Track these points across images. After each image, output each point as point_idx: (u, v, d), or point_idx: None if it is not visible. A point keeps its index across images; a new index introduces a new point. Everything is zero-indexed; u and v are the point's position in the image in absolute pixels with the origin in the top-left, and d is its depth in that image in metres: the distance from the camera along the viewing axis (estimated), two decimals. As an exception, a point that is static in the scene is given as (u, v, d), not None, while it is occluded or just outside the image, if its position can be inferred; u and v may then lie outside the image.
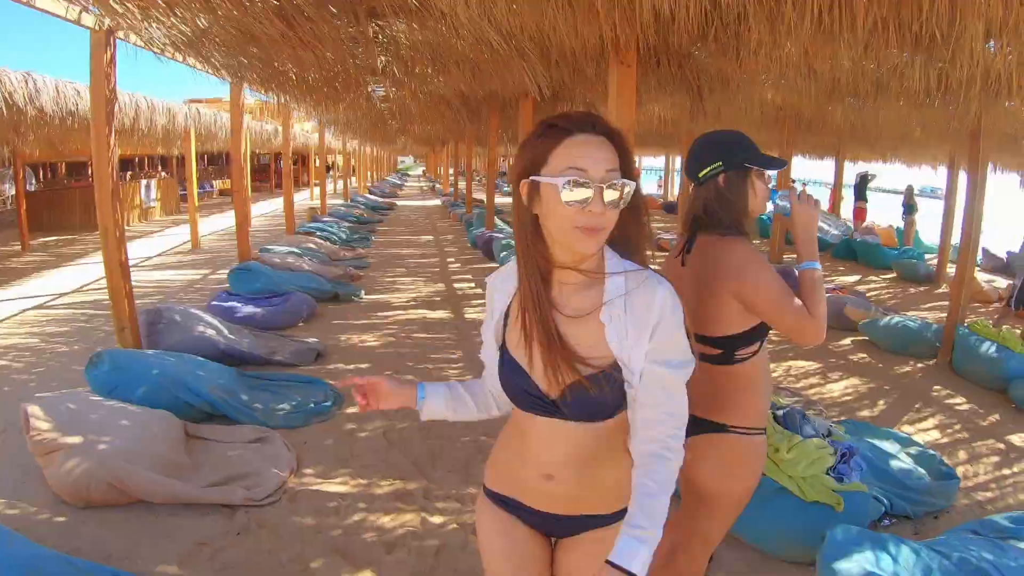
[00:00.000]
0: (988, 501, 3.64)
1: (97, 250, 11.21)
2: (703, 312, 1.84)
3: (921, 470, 3.57)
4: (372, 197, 21.89)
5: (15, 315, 6.88)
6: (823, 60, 4.14)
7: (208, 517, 3.00)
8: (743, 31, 3.63)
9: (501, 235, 11.02)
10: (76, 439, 3.04)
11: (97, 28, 4.28)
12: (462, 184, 22.78)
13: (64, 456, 2.98)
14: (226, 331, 4.91)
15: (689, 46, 4.70)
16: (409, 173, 52.03)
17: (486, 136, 11.36)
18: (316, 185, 25.35)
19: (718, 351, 1.85)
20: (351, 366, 5.12)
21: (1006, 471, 4.01)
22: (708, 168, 1.87)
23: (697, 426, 1.87)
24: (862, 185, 15.26)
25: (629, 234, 1.30)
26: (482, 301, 7.45)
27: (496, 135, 10.62)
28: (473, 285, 8.66)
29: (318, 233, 11.08)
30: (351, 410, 4.27)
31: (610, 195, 1.17)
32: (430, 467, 3.62)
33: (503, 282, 1.42)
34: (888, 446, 3.77)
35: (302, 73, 5.48)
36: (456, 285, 8.67)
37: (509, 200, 1.47)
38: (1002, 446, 4.36)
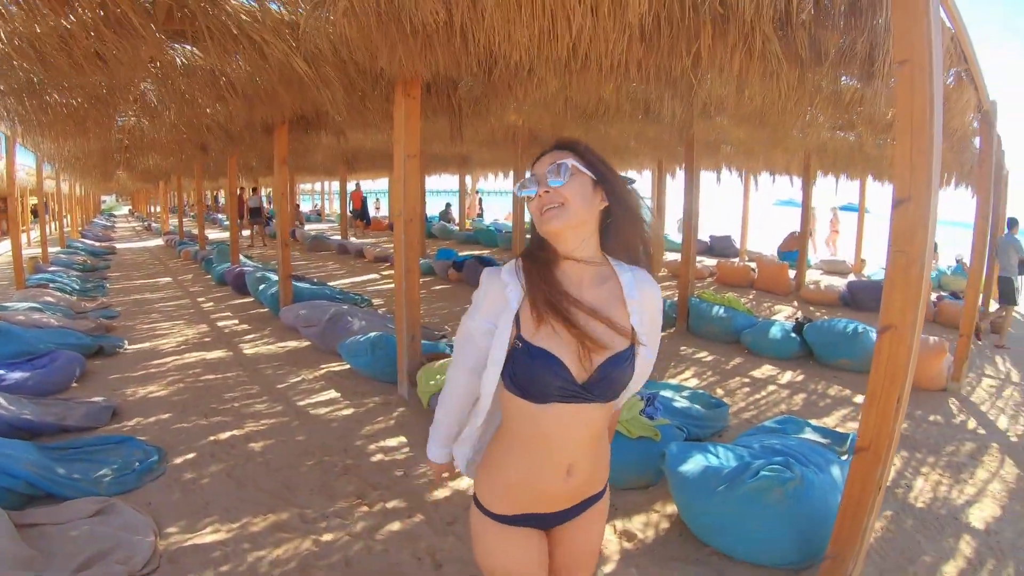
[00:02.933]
0: (752, 418, 4.93)
1: None
2: None
3: (697, 405, 4.59)
4: (88, 242, 18.80)
5: None
6: (583, 91, 4.95)
7: (88, 605, 2.68)
8: (525, 72, 4.25)
9: (250, 268, 10.56)
10: None
11: None
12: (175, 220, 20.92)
13: None
14: (4, 402, 4.15)
15: (461, 78, 5.22)
16: (115, 213, 45.39)
17: (221, 168, 10.69)
18: (24, 231, 21.10)
19: None
20: (152, 419, 4.64)
21: (756, 396, 5.41)
22: None
23: None
24: None
25: (627, 239, 1.50)
26: (257, 336, 7.21)
27: (235, 165, 10.08)
28: (237, 322, 8.21)
29: (51, 285, 9.45)
30: (178, 460, 3.99)
31: (553, 178, 1.40)
32: (291, 494, 3.61)
33: (510, 276, 1.47)
34: (667, 393, 4.72)
35: (68, 100, 4.81)
36: (220, 324, 8.11)
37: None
38: (748, 380, 5.80)
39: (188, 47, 4.14)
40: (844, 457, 3.67)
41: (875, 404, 2.50)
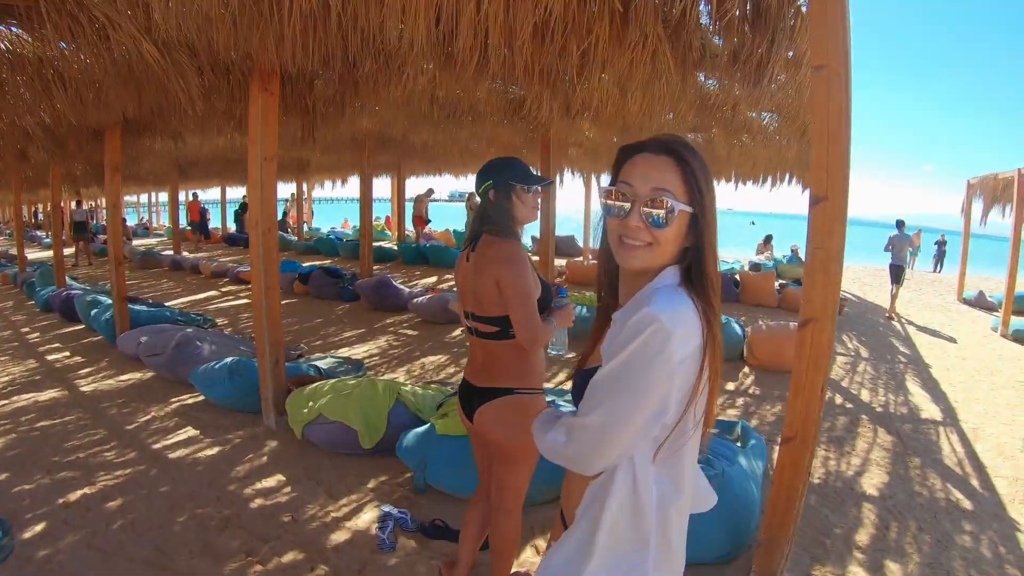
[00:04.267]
0: None
1: None
2: (481, 296, 2.25)
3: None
4: None
5: None
6: (453, 90, 4.74)
7: None
8: (397, 67, 3.96)
9: (80, 291, 9.35)
10: None
11: None
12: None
13: None
14: None
15: (318, 74, 4.82)
16: None
17: (40, 178, 9.37)
18: None
19: (495, 328, 2.28)
20: (-17, 482, 3.88)
21: None
22: (483, 185, 2.32)
23: (486, 395, 2.32)
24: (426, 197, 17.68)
25: (699, 274, 1.20)
26: (93, 368, 6.46)
27: (58, 175, 8.84)
28: (69, 354, 7.17)
29: None
30: (26, 533, 3.31)
31: (650, 212, 1.14)
32: (169, 560, 3.10)
33: None
34: (549, 398, 4.60)
35: None
36: (50, 357, 7.05)
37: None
38: None
39: (14, 28, 3.44)
40: (739, 444, 3.77)
41: (800, 394, 2.55)
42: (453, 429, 3.71)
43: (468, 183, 17.61)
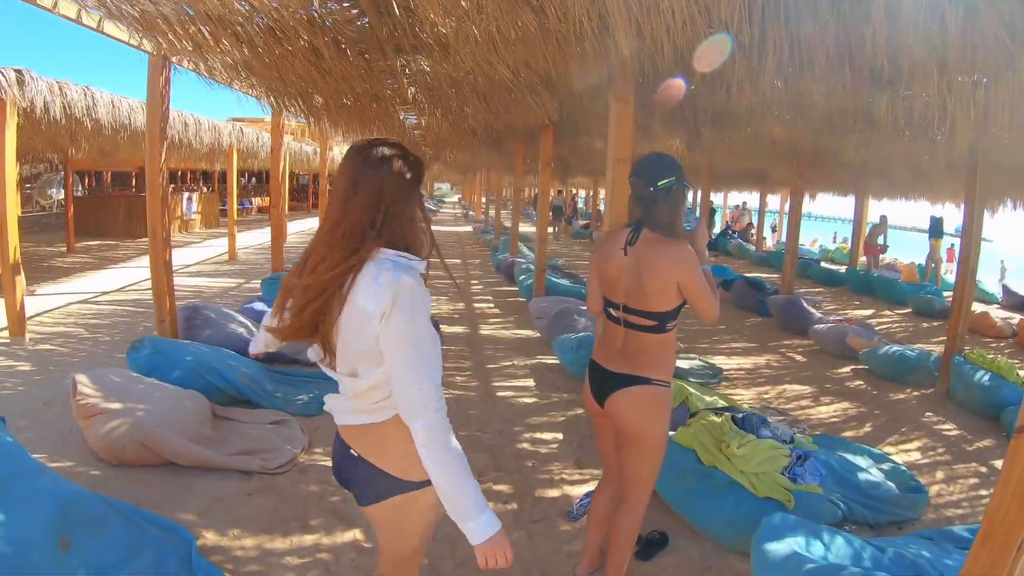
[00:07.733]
0: (957, 517, 3.75)
1: (138, 255, 11.99)
2: (649, 292, 2.29)
3: (890, 483, 3.68)
4: (406, 224, 22.50)
5: (61, 307, 7.49)
6: (801, 94, 4.44)
7: (227, 480, 3.41)
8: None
9: (523, 260, 11.36)
10: (117, 405, 3.47)
11: (155, 53, 4.83)
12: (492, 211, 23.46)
13: (105, 419, 3.41)
14: (252, 328, 5.36)
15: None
16: (445, 200, 53.33)
17: (513, 164, 11.76)
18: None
19: (653, 323, 2.31)
20: (374, 369, 5.48)
21: (983, 491, 4.11)
22: (666, 180, 2.33)
23: (627, 381, 2.35)
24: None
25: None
26: (501, 320, 7.84)
27: (521, 164, 11.02)
28: (492, 306, 9.03)
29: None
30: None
31: None
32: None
33: None
34: (859, 460, 3.91)
35: (337, 102, 5.94)
36: (476, 305, 9.05)
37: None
38: (984, 469, 4.46)
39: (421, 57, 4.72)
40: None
41: (990, 542, 1.76)
42: (685, 440, 3.66)
43: (943, 211, 14.65)
